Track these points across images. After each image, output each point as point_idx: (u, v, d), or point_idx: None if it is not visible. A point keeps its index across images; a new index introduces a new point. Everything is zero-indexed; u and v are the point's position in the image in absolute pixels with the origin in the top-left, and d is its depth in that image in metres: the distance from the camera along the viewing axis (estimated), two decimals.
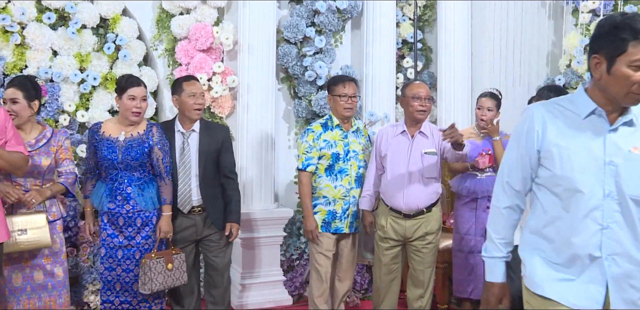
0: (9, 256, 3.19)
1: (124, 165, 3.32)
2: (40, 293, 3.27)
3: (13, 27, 4.05)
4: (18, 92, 3.21)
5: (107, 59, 4.40)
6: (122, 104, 3.34)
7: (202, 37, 4.44)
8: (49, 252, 3.28)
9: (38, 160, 3.25)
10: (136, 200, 3.32)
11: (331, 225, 3.61)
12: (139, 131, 3.38)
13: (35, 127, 3.34)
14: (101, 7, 4.36)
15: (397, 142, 3.54)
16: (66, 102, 4.23)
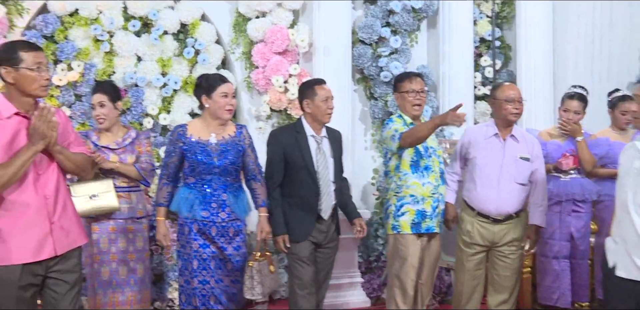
0: (100, 250, 3.39)
1: (220, 170, 3.16)
2: (124, 288, 3.42)
3: (103, 36, 4.25)
4: (104, 96, 3.47)
5: (187, 63, 4.53)
6: (214, 102, 3.17)
7: (278, 40, 4.50)
8: (133, 249, 3.42)
9: (124, 157, 3.48)
10: (232, 208, 3.17)
11: (421, 225, 3.41)
12: (230, 133, 3.26)
13: (121, 129, 3.59)
14: (181, 13, 4.50)
15: (488, 145, 3.43)
16: (149, 105, 4.39)
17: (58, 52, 4.18)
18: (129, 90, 4.33)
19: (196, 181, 3.16)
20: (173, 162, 3.21)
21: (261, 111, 4.59)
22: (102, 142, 3.51)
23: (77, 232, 2.58)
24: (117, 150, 3.49)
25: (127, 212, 3.47)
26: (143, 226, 3.48)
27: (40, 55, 2.44)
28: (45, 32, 4.16)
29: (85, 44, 4.26)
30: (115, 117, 3.53)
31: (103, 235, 3.43)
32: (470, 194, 3.46)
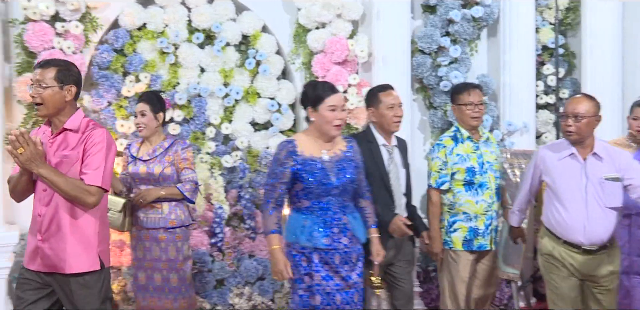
0: (136, 256, 3.49)
1: (339, 191, 2.81)
2: (160, 294, 3.46)
3: (168, 48, 4.41)
4: (146, 106, 3.51)
5: (248, 74, 4.64)
6: (320, 116, 2.82)
7: (338, 50, 4.54)
8: (166, 258, 3.43)
9: (152, 168, 3.48)
10: (354, 232, 2.86)
11: (473, 243, 3.41)
12: (341, 148, 2.92)
13: (160, 138, 3.60)
14: (243, 25, 4.62)
15: (564, 167, 3.08)
16: (212, 115, 4.51)
17: (127, 64, 4.35)
18: (192, 100, 4.46)
19: (312, 205, 2.81)
20: (283, 184, 2.82)
21: None
22: (139, 153, 3.56)
23: (66, 259, 2.51)
24: (147, 161, 3.51)
25: (158, 222, 3.46)
26: (176, 236, 3.47)
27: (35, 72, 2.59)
28: (116, 46, 4.34)
29: (152, 56, 4.42)
30: (155, 127, 3.55)
31: (139, 243, 3.49)
32: (554, 221, 3.11)
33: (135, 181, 3.53)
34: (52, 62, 2.64)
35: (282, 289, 4.30)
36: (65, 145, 2.58)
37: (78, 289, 2.54)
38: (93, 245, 2.58)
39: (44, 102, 2.55)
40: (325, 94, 2.83)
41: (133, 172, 3.52)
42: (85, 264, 2.55)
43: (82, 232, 2.56)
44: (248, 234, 4.31)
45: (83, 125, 2.61)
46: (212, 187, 4.28)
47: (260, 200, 4.43)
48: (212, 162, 4.40)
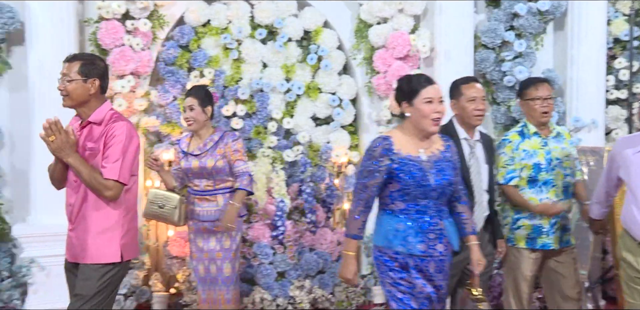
0: (196, 248, 3.50)
1: (437, 194, 2.58)
2: (215, 286, 3.46)
3: (232, 44, 4.49)
4: (194, 100, 3.48)
5: (309, 69, 4.68)
6: (416, 110, 2.57)
7: (399, 45, 4.52)
8: (220, 248, 3.44)
9: (204, 162, 3.46)
10: (449, 239, 2.64)
11: (537, 241, 3.29)
12: (438, 147, 2.67)
13: (209, 132, 3.55)
14: (305, 21, 4.65)
15: (639, 162, 2.83)
16: (274, 110, 4.57)
17: (192, 60, 4.46)
18: (255, 95, 4.53)
19: (407, 207, 2.57)
20: (376, 184, 2.57)
21: (382, 116, 4.64)
22: (190, 148, 3.53)
23: (86, 249, 2.55)
24: (199, 156, 3.48)
25: (213, 214, 3.46)
26: None
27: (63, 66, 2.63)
28: (182, 42, 4.46)
29: (216, 52, 4.51)
30: (204, 121, 3.50)
31: (197, 235, 3.51)
32: (629, 220, 2.85)
33: (189, 176, 3.53)
34: (78, 56, 2.70)
35: (342, 283, 4.33)
36: (90, 138, 2.61)
37: (82, 271, 2.56)
38: (115, 237, 2.58)
39: (69, 95, 2.60)
40: (421, 86, 2.59)
41: (186, 168, 3.51)
42: (103, 256, 2.56)
43: (105, 223, 2.57)
44: (309, 228, 4.36)
45: (107, 118, 2.63)
46: (274, 181, 4.34)
47: (320, 195, 4.48)
48: (274, 156, 4.46)
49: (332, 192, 4.41)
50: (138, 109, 4.22)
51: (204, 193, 3.48)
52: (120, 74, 4.15)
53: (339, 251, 4.47)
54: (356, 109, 4.79)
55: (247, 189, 3.45)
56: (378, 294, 4.31)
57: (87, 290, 2.53)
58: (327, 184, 4.44)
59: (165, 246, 4.22)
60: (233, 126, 4.45)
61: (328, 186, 4.42)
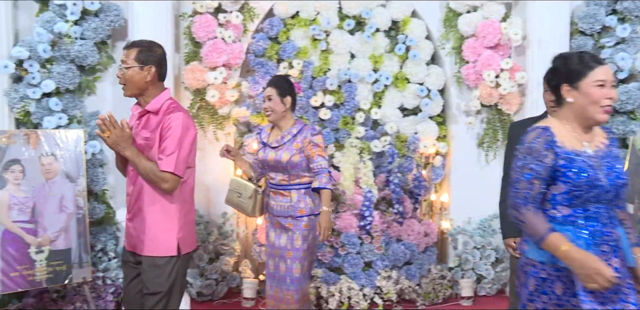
0: (269, 243, 3.39)
1: (610, 196, 2.18)
2: (282, 285, 3.32)
3: (320, 35, 4.53)
4: (273, 90, 3.34)
5: (397, 60, 4.64)
6: (583, 95, 2.17)
7: (490, 34, 4.41)
8: (291, 246, 3.28)
9: (279, 155, 3.29)
10: (625, 252, 2.19)
11: None
12: (602, 141, 2.27)
13: (289, 124, 3.39)
14: (392, 11, 4.61)
15: None
16: (362, 100, 4.58)
17: (281, 51, 4.53)
18: (343, 86, 4.56)
19: (573, 213, 2.16)
20: (541, 181, 2.16)
21: (471, 106, 4.54)
22: (269, 139, 3.42)
23: (144, 241, 2.56)
24: (276, 148, 3.34)
25: (286, 210, 3.33)
26: (303, 225, 3.29)
27: (123, 52, 2.62)
28: (271, 34, 4.54)
29: (304, 43, 4.56)
30: (282, 112, 3.35)
31: (271, 229, 3.41)
32: None
33: (265, 168, 3.43)
34: (136, 43, 2.65)
35: (429, 275, 4.29)
36: (147, 127, 2.60)
37: (149, 269, 2.56)
38: (172, 230, 2.58)
39: (126, 82, 2.58)
40: (589, 66, 2.17)
41: (262, 159, 3.40)
42: (161, 248, 2.57)
43: (161, 216, 2.57)
44: (396, 219, 4.34)
45: (164, 107, 2.60)
46: (361, 171, 4.35)
47: (407, 185, 4.45)
48: (362, 146, 4.47)
49: (419, 183, 4.38)
50: (229, 100, 4.33)
51: (278, 187, 3.36)
52: (212, 66, 4.27)
53: (426, 243, 4.43)
54: (444, 99, 4.71)
55: (328, 187, 3.26)
56: (466, 287, 4.25)
57: (160, 287, 2.57)
58: (415, 174, 4.41)
59: (254, 234, 4.33)
60: (321, 116, 4.50)
61: (415, 177, 4.38)
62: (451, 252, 4.59)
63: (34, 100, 3.93)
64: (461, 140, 4.64)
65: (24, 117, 3.94)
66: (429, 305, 4.19)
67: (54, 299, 3.76)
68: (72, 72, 4.01)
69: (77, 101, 4.08)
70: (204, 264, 4.18)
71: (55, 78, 3.95)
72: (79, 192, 3.67)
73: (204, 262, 4.18)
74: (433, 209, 4.71)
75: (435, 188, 4.72)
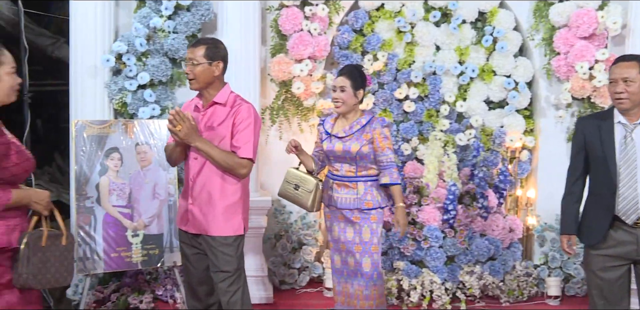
0: (332, 237, 3.33)
1: None
2: (352, 280, 3.26)
3: (405, 27, 4.49)
4: (346, 81, 3.22)
5: (484, 52, 4.54)
6: None
7: (584, 24, 4.23)
8: (359, 240, 3.21)
9: (348, 145, 3.21)
10: None
11: None
12: None
13: (357, 115, 3.30)
14: (480, 1, 4.52)
15: None
16: (447, 93, 4.51)
17: (365, 44, 4.52)
18: (427, 78, 4.51)
19: None
20: None
21: (561, 99, 4.38)
22: (334, 129, 3.31)
23: (214, 223, 2.75)
24: (343, 138, 3.24)
25: (352, 202, 3.23)
26: (371, 217, 3.21)
27: (188, 51, 2.79)
28: (356, 27, 4.54)
29: (389, 36, 4.54)
30: (354, 105, 3.25)
31: (334, 223, 3.31)
32: None
33: (330, 159, 3.32)
34: (202, 40, 2.85)
35: (514, 271, 4.19)
36: (215, 118, 2.78)
37: (222, 248, 2.76)
38: (238, 211, 2.81)
39: (196, 78, 2.76)
40: None
41: (328, 150, 3.28)
42: (231, 228, 2.78)
43: (229, 199, 2.78)
44: (480, 213, 4.26)
45: (231, 99, 2.81)
46: (445, 165, 4.29)
47: (492, 180, 4.35)
48: (446, 139, 4.41)
49: (505, 177, 4.27)
50: (314, 92, 4.39)
51: (344, 178, 3.26)
52: (298, 58, 4.33)
53: (511, 238, 4.33)
54: (532, 92, 4.57)
55: (398, 183, 3.20)
56: (553, 286, 4.11)
57: (230, 266, 2.77)
58: (500, 169, 4.30)
59: None
60: (405, 109, 4.47)
61: (501, 171, 4.28)
62: (537, 249, 4.46)
63: (130, 92, 4.13)
64: (550, 134, 4.49)
65: (121, 107, 4.15)
66: (513, 302, 4.09)
67: (147, 280, 3.95)
68: (165, 64, 4.18)
69: (168, 93, 4.26)
70: (287, 253, 4.26)
71: (150, 70, 4.13)
72: (170, 179, 3.83)
73: (287, 251, 4.26)
74: (518, 204, 4.58)
75: (521, 183, 4.59)
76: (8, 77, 2.30)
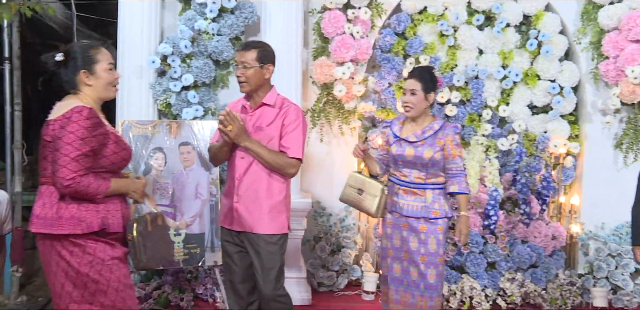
0: (393, 245, 3.17)
1: None
2: (414, 290, 3.12)
3: (448, 31, 4.46)
4: (417, 84, 3.10)
5: (528, 55, 4.48)
6: None
7: (637, 26, 4.14)
8: (425, 251, 3.07)
9: (421, 151, 3.08)
10: None
11: None
12: None
13: (427, 119, 3.17)
14: (525, 5, 4.46)
15: None
16: (489, 97, 4.46)
17: (407, 47, 4.51)
18: (470, 82, 4.46)
19: None
20: None
21: (609, 104, 4.29)
22: (403, 133, 3.18)
23: (261, 221, 2.80)
24: (415, 143, 3.11)
25: (419, 210, 3.09)
26: (437, 228, 3.07)
27: (239, 54, 2.83)
28: (398, 30, 4.53)
29: (431, 39, 4.51)
30: (425, 109, 3.12)
31: (396, 231, 3.17)
32: None
33: (398, 163, 3.16)
34: (252, 44, 2.90)
35: (557, 280, 4.10)
36: (263, 119, 2.84)
37: (267, 247, 2.80)
38: (283, 210, 2.86)
39: (247, 80, 2.81)
40: None
41: (397, 154, 3.14)
42: (276, 226, 2.84)
43: (275, 198, 2.84)
44: (522, 219, 4.19)
45: (279, 101, 2.87)
46: (487, 170, 4.24)
47: (535, 186, 4.27)
48: (488, 144, 4.36)
49: (548, 183, 4.19)
50: (356, 95, 4.38)
51: (411, 185, 3.11)
52: (340, 61, 4.34)
53: (553, 246, 4.24)
54: (578, 97, 4.48)
55: (467, 192, 3.09)
56: (598, 297, 4.00)
57: (274, 263, 2.83)
58: (543, 175, 4.23)
59: (375, 228, 4.35)
60: (447, 113, 4.44)
61: (544, 177, 4.20)
62: (581, 258, 4.36)
63: (174, 93, 4.20)
64: (596, 141, 4.40)
65: (166, 108, 4.22)
66: None
67: (188, 279, 4.00)
68: (209, 66, 4.24)
69: (211, 94, 4.31)
70: (325, 255, 4.26)
71: (194, 72, 4.19)
72: (212, 180, 3.87)
73: (326, 254, 4.26)
74: (562, 211, 4.49)
75: (565, 190, 4.50)
76: (105, 74, 2.41)
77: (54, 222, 2.27)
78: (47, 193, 2.30)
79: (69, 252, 2.28)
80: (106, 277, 2.30)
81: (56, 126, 2.27)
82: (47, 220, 2.27)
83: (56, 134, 2.25)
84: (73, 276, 2.28)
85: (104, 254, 2.31)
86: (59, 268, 2.29)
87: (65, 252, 2.28)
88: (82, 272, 2.28)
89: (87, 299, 2.29)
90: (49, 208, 2.28)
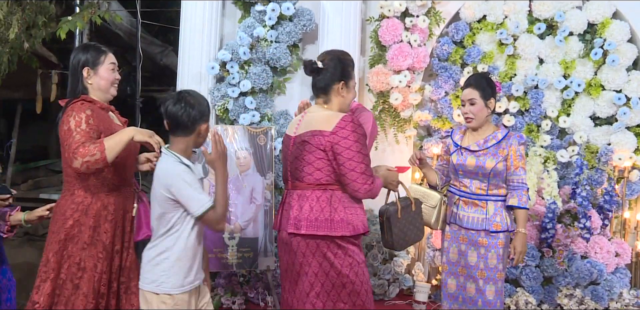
0: (449, 260, 3.07)
1: None
2: (469, 306, 2.98)
3: (507, 39, 4.38)
4: (475, 92, 2.99)
5: (592, 65, 4.35)
6: None
7: None
8: (484, 266, 2.94)
9: (483, 161, 2.96)
10: None
11: None
12: None
13: (489, 128, 3.06)
14: (590, 12, 4.34)
15: None
16: (549, 107, 4.35)
17: (465, 56, 4.45)
18: (529, 92, 4.37)
19: None
20: None
21: None
22: (464, 142, 3.07)
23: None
24: (476, 153, 3.00)
25: (480, 223, 2.97)
26: (499, 242, 2.93)
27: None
28: (456, 38, 4.48)
29: (490, 48, 4.45)
30: (486, 117, 3.01)
31: (453, 244, 3.06)
32: None
33: (459, 173, 3.05)
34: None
35: (620, 299, 3.95)
36: None
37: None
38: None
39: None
40: None
41: (458, 163, 3.03)
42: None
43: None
44: (582, 234, 4.05)
45: None
46: (545, 182, 4.13)
47: (596, 200, 4.13)
48: (547, 156, 4.25)
49: (610, 198, 4.05)
50: (412, 103, 4.36)
51: (472, 196, 3.01)
52: (397, 69, 4.32)
53: (617, 263, 4.08)
54: None
55: (527, 206, 2.95)
56: None
57: None
58: (606, 189, 4.08)
59: (428, 238, 4.31)
60: (504, 123, 4.35)
61: (606, 191, 4.06)
62: None
63: (232, 99, 4.28)
64: None
65: (223, 113, 4.30)
66: None
67: (240, 282, 4.05)
68: (266, 73, 4.30)
69: (268, 100, 4.37)
70: (377, 263, 4.23)
71: (252, 78, 4.26)
72: (267, 185, 3.91)
73: (378, 262, 4.24)
74: (626, 227, 4.31)
75: (629, 205, 4.33)
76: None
77: (328, 224, 2.47)
78: (313, 197, 2.50)
79: (333, 254, 2.47)
80: (361, 279, 2.50)
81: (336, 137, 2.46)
82: (320, 223, 2.47)
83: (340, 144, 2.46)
84: (334, 276, 2.47)
85: (359, 257, 2.52)
86: (320, 268, 2.48)
87: (330, 253, 2.47)
88: (343, 273, 2.46)
89: (342, 299, 2.47)
90: (320, 211, 2.48)
